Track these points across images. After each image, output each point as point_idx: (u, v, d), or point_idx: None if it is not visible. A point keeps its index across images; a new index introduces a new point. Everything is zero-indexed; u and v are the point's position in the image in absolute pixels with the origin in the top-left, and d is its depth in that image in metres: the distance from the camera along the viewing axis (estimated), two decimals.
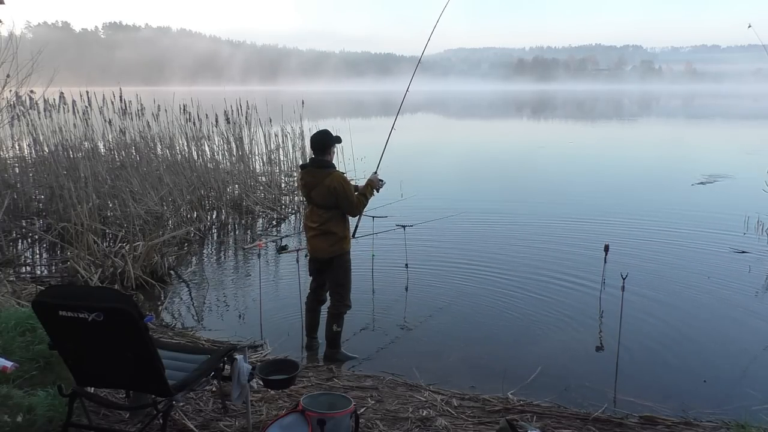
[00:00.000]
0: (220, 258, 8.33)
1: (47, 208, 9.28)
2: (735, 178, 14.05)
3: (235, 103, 11.83)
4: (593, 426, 3.75)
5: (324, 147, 4.80)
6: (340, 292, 4.96)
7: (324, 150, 4.80)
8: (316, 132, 4.90)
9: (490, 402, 4.07)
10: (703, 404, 4.25)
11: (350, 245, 5.00)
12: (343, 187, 4.71)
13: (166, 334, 5.34)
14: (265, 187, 11.67)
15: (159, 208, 9.20)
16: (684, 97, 77.86)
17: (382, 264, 6.89)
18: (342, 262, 4.92)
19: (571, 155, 20.03)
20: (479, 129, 34.15)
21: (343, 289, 4.96)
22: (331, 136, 4.85)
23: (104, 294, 2.80)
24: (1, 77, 7.29)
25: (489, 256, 7.88)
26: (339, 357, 4.95)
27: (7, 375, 3.45)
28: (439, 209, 10.09)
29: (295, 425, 3.13)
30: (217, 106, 11.79)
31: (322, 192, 4.73)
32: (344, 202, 4.74)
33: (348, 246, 4.95)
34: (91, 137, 10.27)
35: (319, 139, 4.81)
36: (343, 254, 4.90)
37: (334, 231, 4.81)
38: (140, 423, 3.25)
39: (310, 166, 4.85)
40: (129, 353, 2.71)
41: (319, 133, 4.87)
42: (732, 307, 6.23)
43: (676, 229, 9.36)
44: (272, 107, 12.60)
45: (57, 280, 7.00)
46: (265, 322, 5.64)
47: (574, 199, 11.87)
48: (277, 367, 3.67)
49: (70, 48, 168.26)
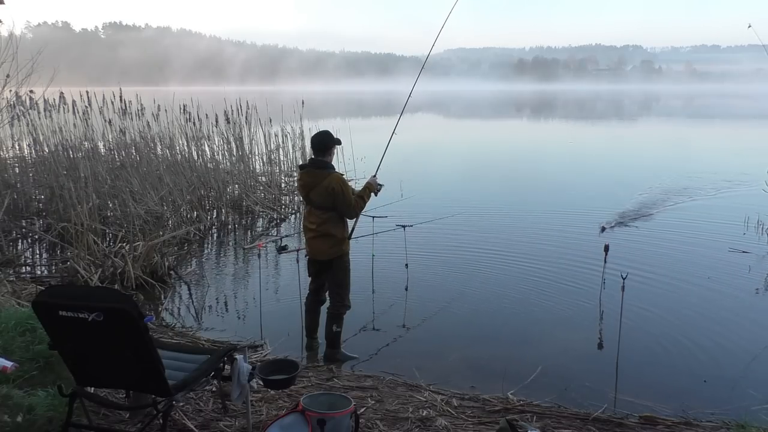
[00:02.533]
0: (220, 258, 8.33)
1: (47, 208, 9.28)
2: (735, 178, 14.04)
3: (235, 103, 11.84)
4: (593, 426, 3.75)
5: (324, 148, 4.80)
6: (340, 293, 4.96)
7: (324, 151, 4.80)
8: (317, 133, 4.90)
9: (490, 402, 4.07)
10: (703, 404, 4.25)
11: (349, 246, 5.00)
12: (341, 189, 4.71)
13: (166, 334, 5.35)
14: (265, 187, 11.67)
15: (159, 208, 9.20)
16: (685, 97, 77.82)
17: (382, 264, 6.88)
18: (341, 263, 4.92)
19: (572, 155, 20.04)
20: (479, 129, 34.14)
21: (343, 290, 4.96)
22: (331, 137, 4.85)
23: (104, 294, 2.80)
24: (1, 77, 7.28)
25: (489, 256, 7.88)
26: (339, 357, 4.96)
27: (7, 375, 3.45)
28: (439, 209, 10.09)
29: (295, 425, 3.13)
30: (217, 106, 11.79)
31: (320, 193, 4.73)
32: (341, 203, 4.74)
33: (347, 247, 4.95)
34: (91, 137, 10.28)
35: (320, 140, 4.81)
36: (342, 256, 4.90)
37: (333, 233, 4.80)
38: (140, 423, 3.25)
39: (309, 167, 4.85)
40: (129, 353, 2.71)
41: (320, 133, 4.87)
42: (732, 307, 6.24)
43: (676, 229, 9.36)
44: (272, 107, 12.60)
45: (57, 280, 7.00)
46: (265, 322, 5.64)
47: (575, 199, 11.86)
48: (277, 367, 3.66)
49: (71, 48, 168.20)
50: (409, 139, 23.64)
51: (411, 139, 23.70)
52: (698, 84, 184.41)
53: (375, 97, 74.60)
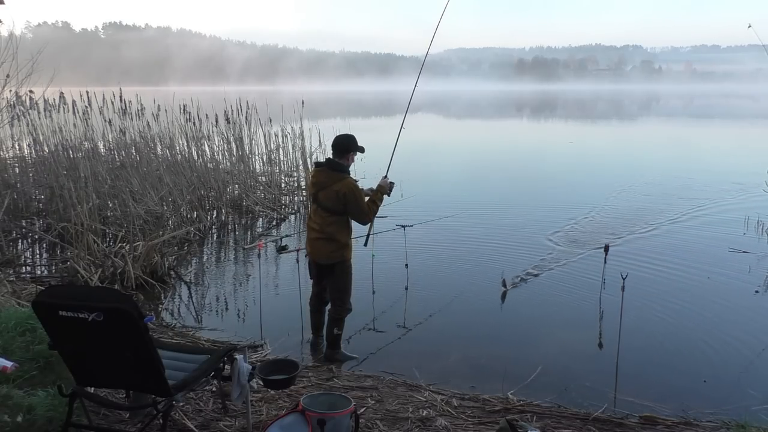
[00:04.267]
0: (220, 258, 8.33)
1: (47, 208, 9.28)
2: (735, 177, 14.03)
3: (235, 103, 11.83)
4: (593, 426, 3.76)
5: (343, 150, 4.75)
6: (341, 298, 4.93)
7: (342, 153, 4.75)
8: (341, 134, 4.86)
9: (490, 402, 4.07)
10: (703, 404, 4.25)
11: (351, 252, 4.93)
12: (354, 195, 4.64)
13: (166, 334, 5.34)
14: (265, 187, 11.67)
15: (159, 208, 9.20)
16: (685, 97, 77.80)
17: (382, 264, 6.88)
18: (343, 268, 4.87)
19: (572, 155, 20.03)
20: (479, 129, 34.13)
21: (344, 294, 4.93)
22: (353, 142, 4.80)
23: (104, 294, 2.80)
24: (1, 77, 7.28)
25: (489, 256, 7.88)
26: (339, 357, 4.95)
27: (7, 375, 3.45)
28: (439, 209, 10.10)
29: (295, 425, 3.13)
30: (217, 106, 11.79)
31: (330, 195, 4.67)
32: (355, 209, 4.68)
33: (349, 254, 4.89)
34: (91, 137, 10.28)
35: (341, 142, 4.78)
36: (344, 261, 4.85)
37: (338, 238, 4.75)
38: (140, 423, 3.25)
39: (324, 166, 4.80)
40: (129, 353, 2.71)
41: (343, 136, 4.83)
42: (732, 307, 6.24)
43: (676, 228, 9.36)
44: (272, 107, 12.59)
45: (57, 280, 7.00)
46: (265, 322, 5.64)
47: (575, 199, 11.85)
48: (277, 367, 3.67)
49: (71, 48, 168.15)
50: (410, 139, 23.59)
51: (411, 139, 23.67)
52: (698, 84, 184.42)
53: (375, 97, 74.57)
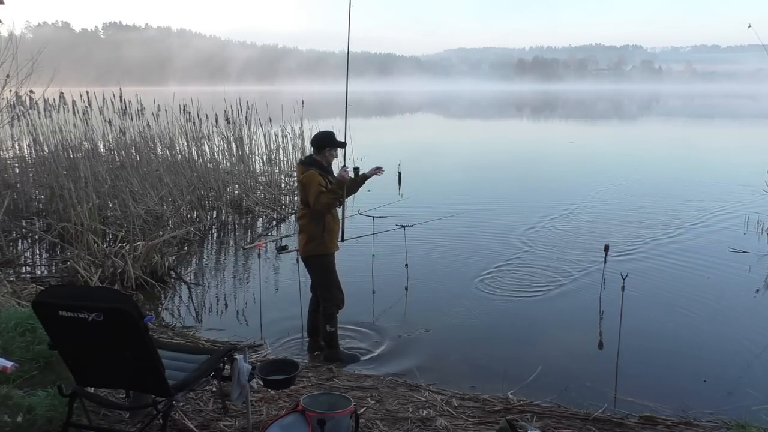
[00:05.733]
0: (220, 258, 8.33)
1: (47, 208, 9.28)
2: (735, 177, 14.03)
3: (234, 103, 11.84)
4: (593, 426, 3.75)
5: (318, 146, 4.86)
6: (323, 294, 4.88)
7: (319, 149, 4.85)
8: (319, 131, 4.96)
9: (490, 402, 4.07)
10: (703, 404, 4.25)
11: (327, 249, 4.80)
12: (309, 183, 4.65)
13: (166, 334, 5.34)
14: (265, 187, 11.67)
15: (159, 208, 9.20)
16: (685, 97, 77.80)
17: (382, 264, 6.88)
18: (316, 262, 4.80)
19: (572, 155, 20.03)
20: (479, 129, 34.13)
21: (324, 290, 4.86)
22: (330, 137, 4.86)
23: (104, 294, 2.80)
24: (1, 77, 7.28)
25: (489, 256, 7.88)
26: (339, 357, 4.94)
27: (7, 375, 3.45)
28: (439, 209, 10.10)
29: (295, 425, 3.13)
30: (217, 106, 11.80)
31: (299, 188, 4.90)
32: (306, 197, 4.71)
33: (322, 249, 4.76)
34: (91, 137, 10.28)
35: (317, 138, 4.91)
36: (316, 256, 4.78)
37: (306, 230, 4.77)
38: (140, 423, 3.25)
39: (300, 162, 4.98)
40: (129, 353, 2.71)
41: (320, 133, 4.94)
42: (732, 307, 6.24)
43: (676, 229, 9.36)
44: (272, 107, 12.60)
45: (57, 280, 7.00)
46: (265, 322, 5.64)
47: (575, 199, 11.85)
48: (277, 367, 3.67)
49: (71, 48, 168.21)
50: (410, 138, 23.66)
51: (411, 138, 23.72)
52: (698, 84, 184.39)
53: (375, 97, 74.55)
